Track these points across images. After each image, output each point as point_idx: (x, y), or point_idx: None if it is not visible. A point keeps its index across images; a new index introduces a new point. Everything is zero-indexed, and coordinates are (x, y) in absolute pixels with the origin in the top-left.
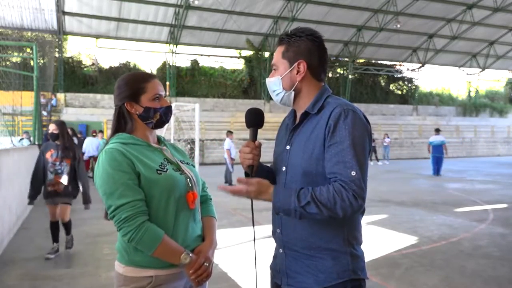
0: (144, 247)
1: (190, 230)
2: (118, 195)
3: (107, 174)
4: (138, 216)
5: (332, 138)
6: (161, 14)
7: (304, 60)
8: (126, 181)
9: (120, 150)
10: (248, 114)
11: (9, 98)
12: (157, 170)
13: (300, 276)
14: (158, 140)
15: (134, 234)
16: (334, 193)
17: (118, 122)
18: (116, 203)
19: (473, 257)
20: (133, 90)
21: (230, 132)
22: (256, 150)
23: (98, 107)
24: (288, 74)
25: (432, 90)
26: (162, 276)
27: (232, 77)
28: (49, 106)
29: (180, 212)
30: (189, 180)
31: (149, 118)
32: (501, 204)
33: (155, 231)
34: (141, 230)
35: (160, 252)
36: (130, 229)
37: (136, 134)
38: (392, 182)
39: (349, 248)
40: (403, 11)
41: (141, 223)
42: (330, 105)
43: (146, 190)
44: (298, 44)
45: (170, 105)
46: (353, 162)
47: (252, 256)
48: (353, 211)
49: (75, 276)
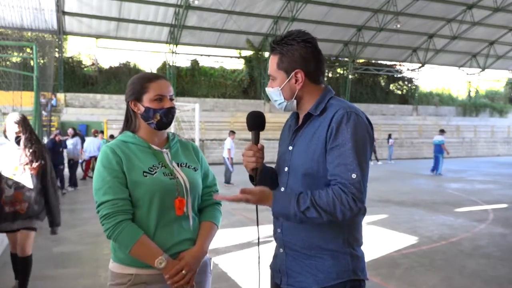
0: (121, 244)
1: (175, 235)
2: (103, 192)
3: (98, 171)
4: (117, 215)
5: (334, 141)
6: (161, 14)
7: (300, 69)
8: (112, 179)
9: (113, 149)
10: (250, 117)
11: (9, 98)
12: (144, 172)
13: (300, 275)
14: (168, 138)
15: (112, 231)
16: (333, 197)
17: (126, 120)
18: (101, 199)
19: (473, 257)
20: (136, 89)
21: (233, 132)
22: (259, 153)
23: (98, 107)
24: (287, 85)
25: (432, 90)
26: (142, 275)
27: (232, 77)
28: (49, 106)
29: (164, 216)
30: (180, 186)
31: (150, 119)
32: (501, 204)
33: (132, 230)
34: (118, 228)
35: (136, 251)
36: (109, 226)
37: (140, 133)
38: (392, 182)
39: (349, 248)
40: (403, 11)
41: (120, 221)
42: (332, 107)
43: (131, 191)
44: (291, 54)
45: (173, 106)
46: (354, 164)
47: (252, 256)
48: (353, 215)
49: (75, 276)
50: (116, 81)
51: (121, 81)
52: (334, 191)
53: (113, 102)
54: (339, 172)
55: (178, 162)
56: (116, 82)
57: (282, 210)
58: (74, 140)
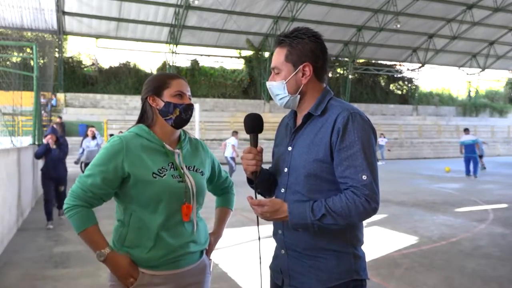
0: (72, 224)
1: (179, 238)
2: (89, 173)
3: (100, 154)
4: (79, 200)
5: (341, 143)
6: (161, 14)
7: (309, 62)
8: (100, 174)
9: (122, 147)
10: (248, 120)
11: (9, 98)
12: (153, 173)
13: (302, 276)
14: (179, 138)
15: (68, 209)
16: (347, 202)
17: (141, 116)
18: (82, 177)
19: (473, 257)
20: (157, 84)
21: (236, 132)
22: (259, 156)
23: (98, 107)
24: (293, 78)
25: (432, 90)
26: (146, 275)
27: (232, 77)
28: (49, 106)
29: (170, 219)
30: (188, 190)
31: (169, 114)
32: (501, 204)
33: (85, 218)
34: (74, 210)
35: (83, 236)
36: (68, 203)
37: (155, 130)
38: (392, 182)
39: (352, 248)
40: (403, 11)
41: (77, 205)
42: (334, 108)
43: (135, 190)
44: (301, 46)
45: (192, 104)
46: (364, 165)
47: (252, 256)
48: (369, 215)
49: (75, 276)
50: (116, 81)
51: (121, 81)
52: (347, 196)
53: (113, 102)
54: (349, 174)
55: (187, 165)
56: (116, 82)
57: (300, 221)
58: (95, 142)
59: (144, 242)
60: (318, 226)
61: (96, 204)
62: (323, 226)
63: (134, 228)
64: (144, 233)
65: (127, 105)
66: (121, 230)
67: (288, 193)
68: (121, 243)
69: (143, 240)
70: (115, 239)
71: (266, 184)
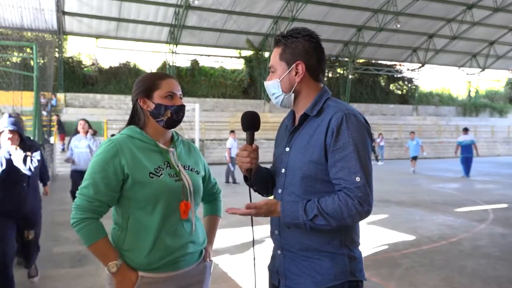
0: (81, 238)
1: (178, 238)
2: (88, 183)
3: (95, 160)
4: (88, 212)
5: (335, 144)
6: (161, 14)
7: (302, 61)
8: (101, 179)
9: (117, 149)
10: (244, 118)
11: (9, 98)
12: (150, 173)
13: (298, 277)
14: (172, 138)
15: (76, 224)
16: (339, 203)
17: (131, 118)
18: (82, 188)
19: (473, 257)
20: (147, 85)
21: (233, 131)
22: (254, 154)
23: (98, 107)
24: (286, 76)
25: (432, 90)
26: (145, 277)
27: (232, 77)
28: (49, 106)
29: (168, 219)
30: (185, 189)
31: (160, 116)
32: (501, 204)
33: (94, 230)
34: (83, 223)
35: (93, 250)
36: (76, 217)
37: (147, 131)
38: (392, 182)
39: (346, 250)
40: (403, 11)
41: (86, 218)
42: (330, 108)
43: (133, 191)
44: (295, 45)
45: (183, 104)
46: (357, 167)
47: (252, 256)
48: (361, 217)
49: (75, 276)
50: (116, 81)
51: (121, 81)
52: (340, 197)
53: (113, 102)
54: (343, 175)
55: (182, 164)
56: (116, 82)
57: (293, 220)
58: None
59: (143, 244)
60: (310, 226)
61: (103, 212)
62: (315, 226)
63: (132, 231)
64: (143, 235)
65: (127, 105)
66: (119, 234)
67: (285, 194)
68: (119, 247)
69: (142, 243)
70: (113, 243)
71: (263, 182)
